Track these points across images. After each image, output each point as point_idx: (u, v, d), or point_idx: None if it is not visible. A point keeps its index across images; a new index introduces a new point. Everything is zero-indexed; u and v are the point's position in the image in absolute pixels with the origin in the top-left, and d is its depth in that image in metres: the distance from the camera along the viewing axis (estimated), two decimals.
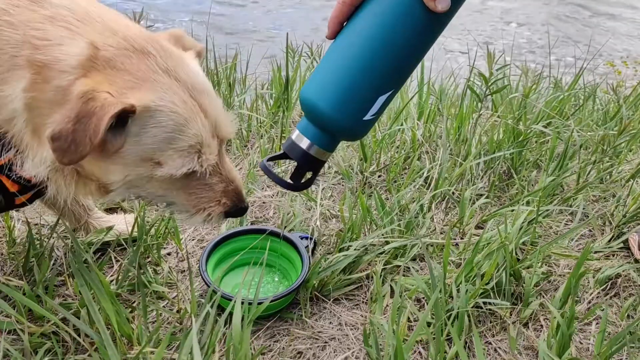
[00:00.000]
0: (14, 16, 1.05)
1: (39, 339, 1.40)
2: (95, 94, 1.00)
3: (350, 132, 1.15)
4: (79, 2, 1.11)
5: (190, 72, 1.13)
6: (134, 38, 1.07)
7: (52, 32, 1.04)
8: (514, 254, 1.63)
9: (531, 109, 2.56)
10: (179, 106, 1.09)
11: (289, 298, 1.55)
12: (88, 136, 0.99)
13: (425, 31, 1.09)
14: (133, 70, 1.05)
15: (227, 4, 6.29)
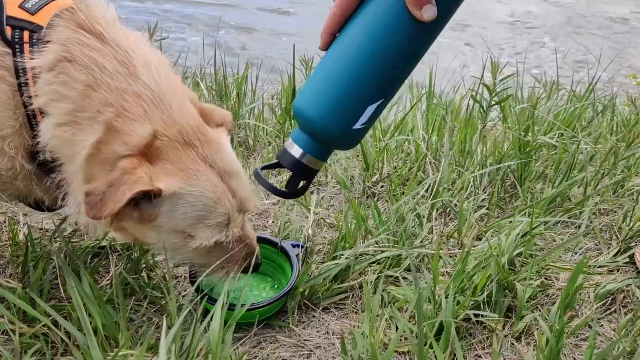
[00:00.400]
0: (114, 82, 1.24)
1: (30, 340, 1.43)
2: (134, 172, 1.20)
3: (341, 141, 1.17)
4: (160, 82, 1.29)
5: (224, 158, 1.33)
6: (187, 130, 1.27)
7: (134, 108, 1.24)
8: (506, 266, 1.60)
9: (541, 121, 2.53)
10: (209, 190, 1.28)
11: (276, 305, 1.55)
12: (113, 201, 1.17)
13: (414, 41, 1.09)
14: (174, 161, 1.25)
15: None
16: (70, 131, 1.24)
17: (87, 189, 1.20)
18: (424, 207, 1.95)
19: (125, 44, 1.28)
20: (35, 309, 1.43)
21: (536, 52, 5.30)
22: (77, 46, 1.24)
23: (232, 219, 1.34)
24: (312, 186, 2.22)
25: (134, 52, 1.28)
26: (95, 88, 1.23)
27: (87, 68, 1.24)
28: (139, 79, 1.26)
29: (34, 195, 1.44)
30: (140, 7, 5.81)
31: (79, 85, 1.23)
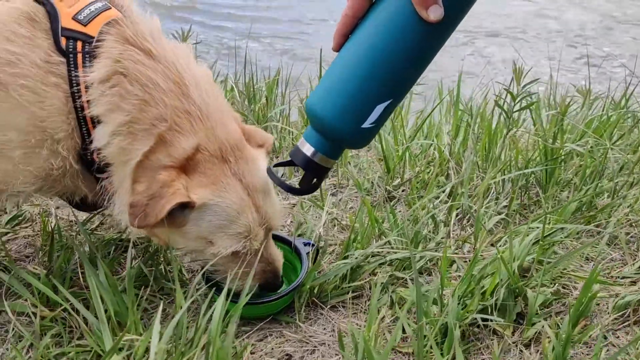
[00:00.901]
0: (169, 99, 1.35)
1: (50, 323, 1.52)
2: (171, 184, 1.32)
3: (350, 139, 1.19)
4: (208, 101, 1.40)
5: (254, 175, 1.43)
6: (225, 147, 1.39)
7: (184, 124, 1.36)
8: (516, 272, 1.58)
9: (573, 128, 2.47)
10: (235, 202, 1.39)
11: (283, 301, 1.58)
12: (155, 212, 1.31)
13: (422, 42, 1.11)
14: (209, 174, 1.37)
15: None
16: (125, 140, 1.36)
17: (131, 201, 1.34)
18: (438, 209, 1.94)
19: (174, 60, 1.39)
20: (57, 295, 1.52)
21: (578, 60, 5.16)
22: (130, 62, 1.35)
23: (252, 232, 1.42)
24: (333, 188, 2.24)
25: (184, 71, 1.39)
26: (150, 104, 1.35)
27: (142, 84, 1.35)
28: (190, 97, 1.37)
29: (78, 193, 1.55)
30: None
31: (134, 99, 1.34)
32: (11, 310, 1.51)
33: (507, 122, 2.18)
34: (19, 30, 1.34)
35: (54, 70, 1.35)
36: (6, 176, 1.40)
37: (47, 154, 1.38)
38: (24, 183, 1.41)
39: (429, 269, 1.79)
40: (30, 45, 1.34)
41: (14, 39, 1.34)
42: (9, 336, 1.51)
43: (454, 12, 1.09)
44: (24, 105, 1.34)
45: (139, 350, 1.31)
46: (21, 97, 1.33)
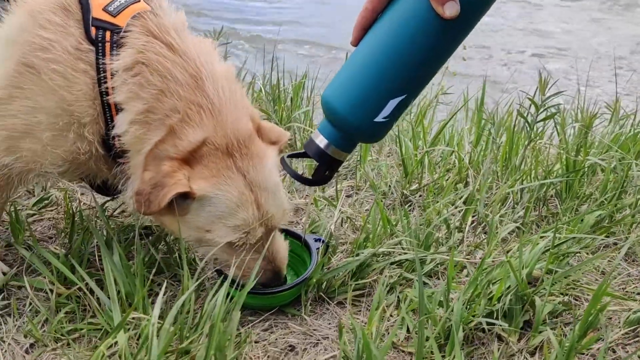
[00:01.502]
0: (184, 92, 1.40)
1: (65, 301, 1.58)
2: (173, 175, 1.36)
3: (363, 132, 1.21)
4: (222, 97, 1.43)
5: (259, 172, 1.45)
6: (232, 142, 1.41)
7: (195, 117, 1.40)
8: (524, 279, 1.57)
9: (601, 143, 2.44)
10: (235, 196, 1.42)
11: (290, 294, 1.61)
12: (157, 200, 1.36)
13: (438, 39, 1.12)
14: (212, 167, 1.41)
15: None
16: (141, 130, 1.41)
17: (136, 189, 1.40)
18: (450, 213, 1.94)
19: (195, 56, 1.44)
20: (74, 275, 1.57)
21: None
22: (152, 53, 1.40)
23: (251, 227, 1.44)
24: (350, 190, 2.26)
25: (203, 66, 1.43)
26: (167, 94, 1.39)
27: (161, 75, 1.40)
28: (204, 91, 1.41)
29: (100, 175, 1.61)
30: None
31: (153, 89, 1.40)
32: (30, 286, 1.57)
33: (529, 132, 2.17)
34: (54, 18, 1.41)
35: (84, 58, 1.41)
36: (35, 156, 1.46)
37: (74, 137, 1.44)
38: (51, 164, 1.48)
39: (439, 273, 1.79)
40: (63, 33, 1.41)
41: (48, 26, 1.41)
42: (26, 310, 1.58)
43: (472, 11, 1.10)
44: (54, 89, 1.40)
45: (145, 328, 1.35)
46: (52, 81, 1.40)
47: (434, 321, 1.51)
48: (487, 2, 1.12)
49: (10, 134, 1.44)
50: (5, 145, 1.45)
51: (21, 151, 1.46)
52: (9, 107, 1.42)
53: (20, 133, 1.44)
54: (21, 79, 1.41)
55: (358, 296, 1.69)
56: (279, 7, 7.02)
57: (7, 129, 1.43)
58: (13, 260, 1.79)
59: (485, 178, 2.07)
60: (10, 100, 1.42)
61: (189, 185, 1.38)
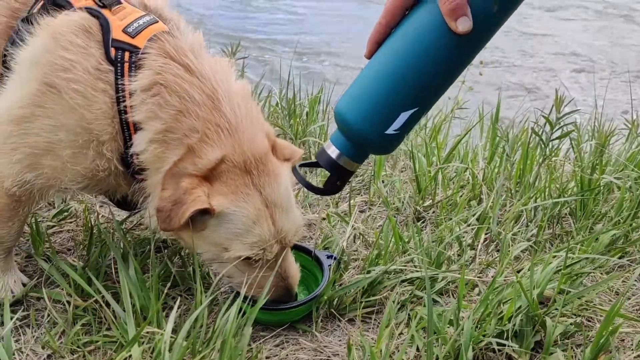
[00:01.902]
0: (202, 112, 1.44)
1: (82, 313, 1.61)
2: (192, 192, 1.40)
3: (374, 144, 1.23)
4: (239, 115, 1.46)
5: (275, 189, 1.48)
6: (250, 160, 1.45)
7: (213, 136, 1.43)
8: (535, 299, 1.57)
9: (617, 162, 2.43)
10: (251, 212, 1.45)
11: (302, 310, 1.62)
12: (178, 217, 1.39)
13: (451, 54, 1.14)
14: (230, 184, 1.44)
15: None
16: (160, 149, 1.45)
17: (157, 206, 1.44)
18: (464, 232, 1.94)
19: (211, 76, 1.47)
20: (91, 287, 1.61)
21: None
22: (169, 75, 1.44)
23: (266, 243, 1.47)
24: (363, 205, 2.28)
25: (219, 86, 1.47)
26: (185, 115, 1.44)
27: (179, 96, 1.44)
28: (221, 111, 1.45)
29: (120, 191, 1.65)
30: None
31: (171, 109, 1.44)
32: (48, 297, 1.61)
33: (543, 149, 2.17)
34: (75, 40, 1.46)
35: (103, 78, 1.46)
36: (55, 173, 1.51)
37: (93, 155, 1.49)
38: (71, 181, 1.52)
39: (451, 291, 1.80)
40: (84, 54, 1.46)
41: (70, 47, 1.46)
42: (44, 321, 1.62)
43: (484, 27, 1.12)
44: (74, 108, 1.45)
45: (159, 343, 1.38)
46: (72, 100, 1.44)
47: (444, 340, 1.51)
48: (498, 21, 1.13)
49: (33, 151, 1.49)
50: (27, 162, 1.50)
51: (42, 168, 1.50)
52: (32, 125, 1.47)
53: (41, 150, 1.48)
54: (43, 98, 1.46)
55: (369, 313, 1.70)
56: (297, 20, 7.09)
57: (30, 146, 1.48)
58: (33, 272, 1.84)
59: (498, 195, 2.08)
60: (32, 119, 1.47)
61: (209, 201, 1.41)
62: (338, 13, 7.36)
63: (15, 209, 1.58)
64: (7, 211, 1.58)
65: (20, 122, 1.47)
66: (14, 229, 1.64)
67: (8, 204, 1.56)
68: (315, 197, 2.22)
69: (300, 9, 7.46)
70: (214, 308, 1.67)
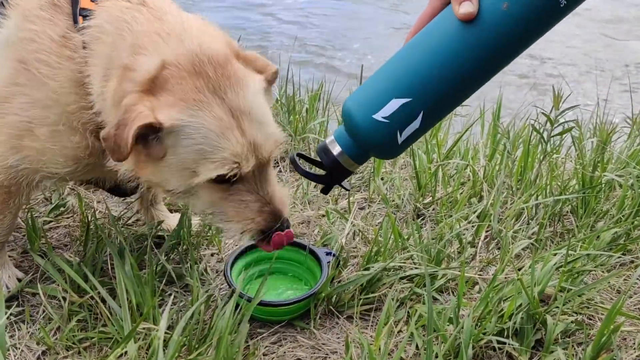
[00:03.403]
0: (138, 27, 1.29)
1: (77, 309, 1.60)
2: (133, 108, 1.21)
3: (357, 127, 1.16)
4: (186, 24, 1.30)
5: (242, 96, 1.27)
6: (200, 59, 1.24)
7: (147, 45, 1.26)
8: (536, 297, 1.55)
9: (619, 160, 2.41)
10: (211, 123, 1.24)
11: (299, 307, 1.61)
12: (124, 140, 1.21)
13: (453, 47, 1.09)
14: (178, 92, 1.23)
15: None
16: (105, 86, 1.31)
17: (102, 135, 1.25)
18: (463, 227, 1.93)
19: (166, 7, 1.35)
20: (87, 283, 1.59)
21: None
22: (115, 11, 1.34)
23: (239, 157, 1.27)
24: (363, 202, 2.26)
25: (171, 11, 1.33)
26: (122, 38, 1.30)
27: (118, 23, 1.30)
28: (163, 22, 1.29)
29: (110, 178, 1.56)
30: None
31: (110, 38, 1.31)
32: (43, 293, 1.60)
33: (544, 147, 2.15)
34: (41, 13, 1.41)
35: (69, 45, 1.38)
36: (37, 154, 1.45)
37: (66, 130, 1.40)
38: (54, 163, 1.45)
39: (451, 289, 1.78)
40: (49, 24, 1.40)
41: (35, 20, 1.41)
42: (39, 317, 1.60)
43: (493, 27, 1.06)
44: (41, 80, 1.38)
45: (155, 339, 1.36)
46: (38, 71, 1.38)
47: (444, 338, 1.50)
48: (511, 27, 1.06)
49: (13, 132, 1.45)
50: (9, 145, 1.46)
51: (24, 149, 1.45)
52: (10, 105, 1.43)
53: (21, 131, 1.44)
54: (17, 75, 1.42)
55: (368, 310, 1.68)
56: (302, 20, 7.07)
57: (10, 126, 1.44)
58: (28, 267, 1.82)
59: (499, 192, 2.06)
60: (10, 99, 1.43)
61: (154, 115, 1.22)
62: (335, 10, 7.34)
63: (5, 202, 1.55)
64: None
65: (0, 102, 1.44)
66: (6, 223, 1.61)
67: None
68: (314, 194, 2.20)
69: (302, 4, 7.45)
70: (211, 304, 1.65)
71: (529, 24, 1.04)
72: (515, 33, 1.05)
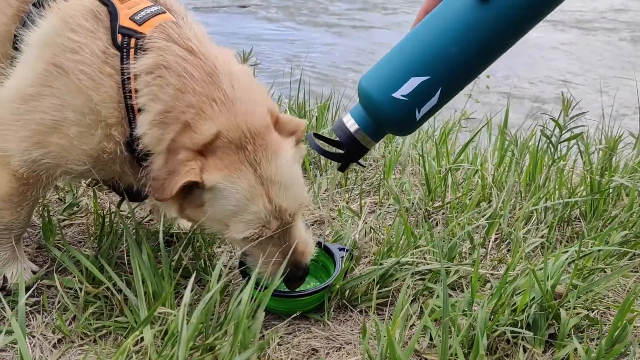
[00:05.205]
0: (199, 87, 1.44)
1: (93, 299, 1.61)
2: (187, 164, 1.41)
3: (379, 106, 1.19)
4: (237, 90, 1.46)
5: (273, 165, 1.46)
6: (245, 134, 1.43)
7: (208, 110, 1.43)
8: (549, 290, 1.56)
9: (626, 167, 2.44)
10: (245, 190, 1.44)
11: (312, 299, 1.62)
12: (170, 187, 1.41)
13: (467, 26, 1.12)
14: (224, 159, 1.44)
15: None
16: (159, 131, 1.45)
17: (153, 175, 1.44)
18: (474, 226, 1.94)
19: (212, 57, 1.49)
20: (103, 275, 1.61)
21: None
22: (171, 56, 1.46)
23: (264, 221, 1.46)
24: (373, 206, 2.28)
25: (220, 65, 1.48)
26: (183, 92, 1.44)
27: (179, 75, 1.45)
28: (219, 86, 1.45)
29: (125, 180, 1.65)
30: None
31: (171, 90, 1.44)
32: (60, 283, 1.61)
33: (553, 152, 2.18)
34: (84, 23, 1.48)
35: (109, 62, 1.47)
36: (62, 151, 1.51)
37: (101, 135, 1.49)
38: (77, 160, 1.52)
39: (462, 286, 1.79)
40: (92, 37, 1.48)
41: (78, 30, 1.48)
42: (55, 307, 1.61)
43: (505, 9, 1.10)
44: (81, 89, 1.46)
45: (172, 324, 1.37)
46: (80, 82, 1.46)
47: (457, 330, 1.50)
48: (521, 9, 1.10)
49: (39, 129, 1.49)
50: (34, 139, 1.50)
51: (49, 146, 1.51)
52: (38, 103, 1.48)
53: (48, 128, 1.49)
54: (50, 78, 1.47)
55: (381, 304, 1.69)
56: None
57: (37, 123, 1.49)
58: (43, 262, 1.83)
59: (508, 195, 2.08)
60: (39, 98, 1.48)
61: (200, 175, 1.42)
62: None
63: (24, 193, 1.58)
64: (15, 195, 1.58)
65: (28, 100, 1.49)
66: (23, 215, 1.64)
67: (17, 187, 1.56)
68: (326, 194, 2.23)
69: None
70: (225, 298, 1.67)
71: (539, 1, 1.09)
72: (527, 8, 1.10)
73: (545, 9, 1.11)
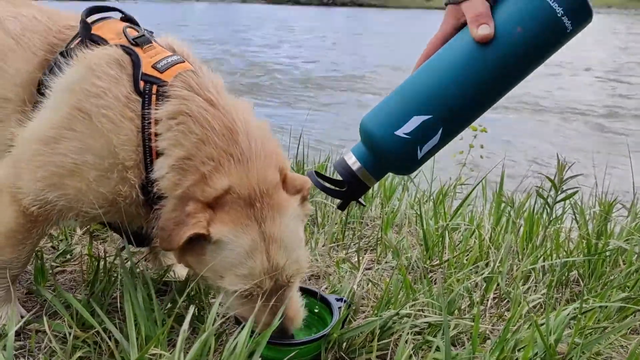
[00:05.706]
0: (219, 141, 1.48)
1: (80, 343, 1.55)
2: (195, 216, 1.43)
3: (379, 143, 1.22)
4: (253, 149, 1.50)
5: (277, 224, 1.48)
6: (255, 192, 1.47)
7: (225, 164, 1.47)
8: (552, 344, 1.53)
9: (623, 230, 2.45)
10: (247, 245, 1.46)
11: (308, 349, 1.57)
12: (177, 237, 1.43)
13: (469, 66, 1.16)
14: (231, 214, 1.46)
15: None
16: (177, 176, 1.49)
17: (161, 224, 1.47)
18: (473, 281, 1.92)
19: (232, 110, 1.54)
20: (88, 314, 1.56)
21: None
22: (194, 105, 1.51)
23: (257, 278, 1.46)
24: (370, 263, 2.26)
25: (239, 119, 1.53)
26: (205, 143, 1.48)
27: (202, 125, 1.49)
28: (237, 142, 1.49)
29: (135, 222, 1.66)
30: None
31: (193, 138, 1.49)
32: (48, 326, 1.56)
33: (549, 213, 2.19)
34: (109, 71, 1.55)
35: (131, 106, 1.52)
36: (79, 194, 1.53)
37: (117, 179, 1.52)
38: (92, 204, 1.54)
39: (462, 341, 1.75)
40: (115, 83, 1.54)
41: (103, 77, 1.54)
42: (43, 351, 1.55)
43: (508, 50, 1.15)
44: (103, 132, 1.50)
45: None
46: (102, 125, 1.50)
47: None
48: (524, 50, 1.15)
49: (58, 171, 1.51)
50: (51, 181, 1.52)
51: (66, 188, 1.52)
52: (59, 145, 1.51)
53: (67, 171, 1.51)
54: (73, 122, 1.51)
55: (378, 357, 1.64)
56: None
57: (56, 165, 1.51)
58: (32, 307, 1.78)
59: (506, 252, 2.07)
60: (60, 140, 1.51)
61: (207, 227, 1.44)
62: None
63: (29, 230, 1.57)
64: (20, 232, 1.57)
65: (49, 142, 1.52)
66: (24, 254, 1.62)
67: (23, 224, 1.56)
68: (324, 247, 2.22)
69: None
70: (218, 348, 1.61)
71: (540, 45, 1.14)
72: (528, 53, 1.15)
73: (543, 55, 1.16)
